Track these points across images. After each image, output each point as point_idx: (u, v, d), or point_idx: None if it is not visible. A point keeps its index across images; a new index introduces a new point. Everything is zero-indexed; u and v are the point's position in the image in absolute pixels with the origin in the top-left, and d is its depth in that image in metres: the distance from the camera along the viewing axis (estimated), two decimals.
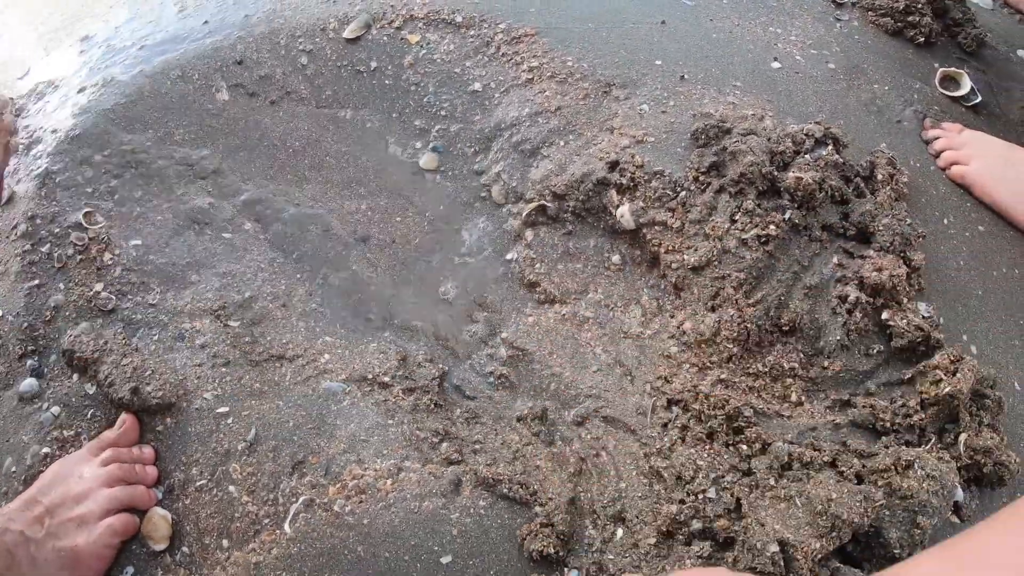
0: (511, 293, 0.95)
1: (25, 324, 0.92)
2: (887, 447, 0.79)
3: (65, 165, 1.02)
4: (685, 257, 0.88)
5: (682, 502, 0.75)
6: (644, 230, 0.91)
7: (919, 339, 0.84)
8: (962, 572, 0.47)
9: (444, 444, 0.83)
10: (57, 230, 0.98)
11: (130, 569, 0.79)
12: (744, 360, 0.85)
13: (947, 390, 0.81)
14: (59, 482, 0.80)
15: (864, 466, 0.76)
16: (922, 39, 1.16)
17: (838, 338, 0.85)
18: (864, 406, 0.83)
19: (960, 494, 0.79)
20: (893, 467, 0.75)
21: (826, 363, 0.85)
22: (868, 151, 0.98)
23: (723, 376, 0.85)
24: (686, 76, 1.02)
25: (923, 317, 0.87)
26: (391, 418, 0.85)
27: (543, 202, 0.95)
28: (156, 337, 0.92)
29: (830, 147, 0.92)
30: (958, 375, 0.81)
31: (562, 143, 0.98)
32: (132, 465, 0.82)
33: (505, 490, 0.77)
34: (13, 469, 0.86)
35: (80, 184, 1.01)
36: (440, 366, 0.90)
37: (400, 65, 1.08)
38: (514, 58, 1.05)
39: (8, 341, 0.92)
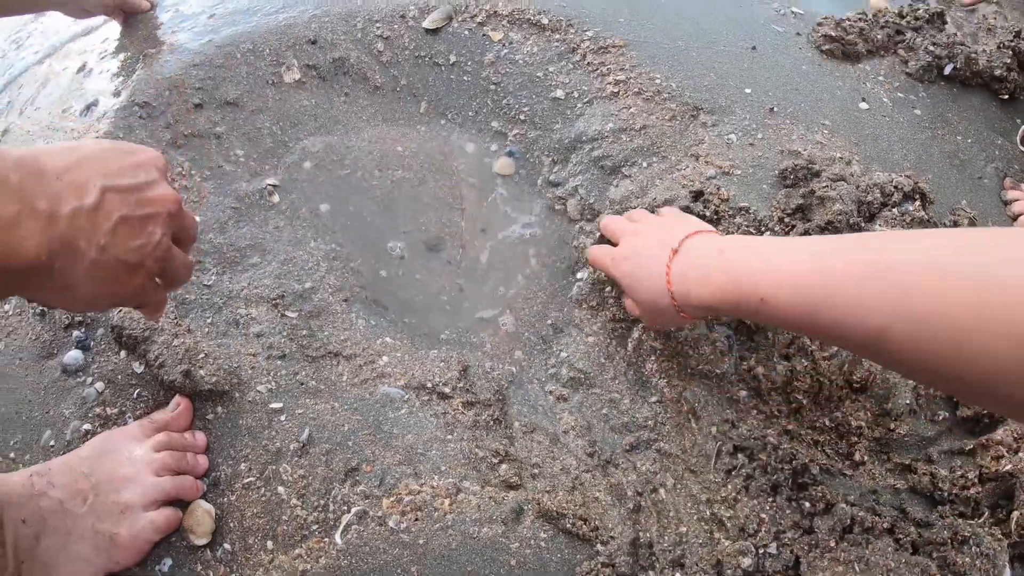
0: (578, 312, 0.92)
1: None
2: (943, 517, 0.79)
3: (127, 131, 0.98)
4: None
5: (743, 554, 0.74)
6: None
7: (984, 411, 0.83)
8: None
9: (503, 466, 0.81)
10: None
11: (168, 561, 0.77)
12: (812, 413, 0.84)
13: (1007, 467, 0.81)
14: (107, 458, 0.77)
15: (920, 535, 0.76)
16: (1007, 95, 1.13)
17: (908, 402, 0.84)
18: (924, 473, 0.82)
19: (1008, 573, 0.79)
20: (950, 541, 0.75)
21: (892, 425, 0.84)
22: (949, 207, 0.96)
23: (790, 427, 0.83)
24: (775, 108, 0.99)
25: None
26: (450, 432, 0.83)
27: None
28: (210, 320, 0.89)
29: (917, 202, 0.90)
30: (1021, 454, 0.81)
31: (645, 164, 0.95)
32: (183, 454, 0.79)
33: (568, 524, 0.75)
34: (52, 443, 0.84)
35: None
36: (502, 381, 0.88)
37: (480, 62, 1.04)
38: (600, 68, 1.01)
39: (55, 308, 0.89)
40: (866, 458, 0.83)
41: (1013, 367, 0.42)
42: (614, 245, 0.82)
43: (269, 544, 0.77)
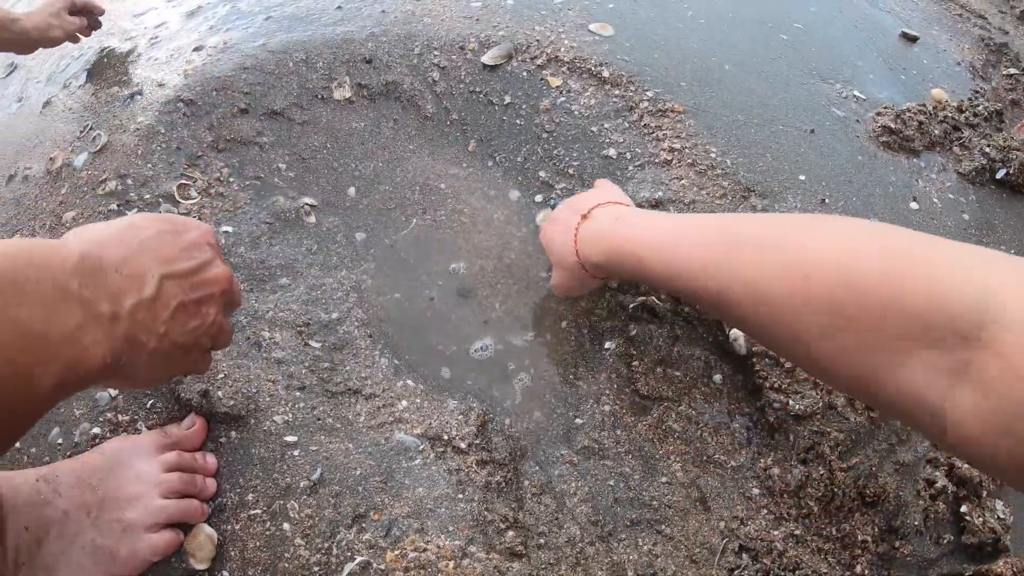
0: (599, 381, 0.92)
1: None
2: None
3: (169, 127, 0.96)
4: (790, 402, 0.86)
5: None
6: (754, 359, 0.88)
7: (989, 540, 0.84)
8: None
9: (510, 532, 0.81)
10: (148, 196, 0.93)
11: None
12: (820, 520, 0.84)
13: None
14: (116, 472, 0.76)
15: None
16: None
17: (916, 523, 0.84)
18: None
19: None
20: None
21: (897, 543, 0.84)
22: None
23: (797, 532, 0.83)
24: (827, 200, 0.98)
25: (998, 518, 0.86)
26: (462, 491, 0.83)
27: (652, 299, 0.92)
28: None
29: None
30: None
31: None
32: (192, 476, 0.79)
33: None
34: (59, 442, 0.83)
35: (180, 151, 0.95)
36: (519, 440, 0.88)
37: (535, 107, 1.02)
38: (656, 132, 1.00)
39: None
40: (867, 572, 0.84)
41: (810, 326, 0.48)
42: None
43: None
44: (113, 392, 0.86)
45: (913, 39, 1.28)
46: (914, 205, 1.03)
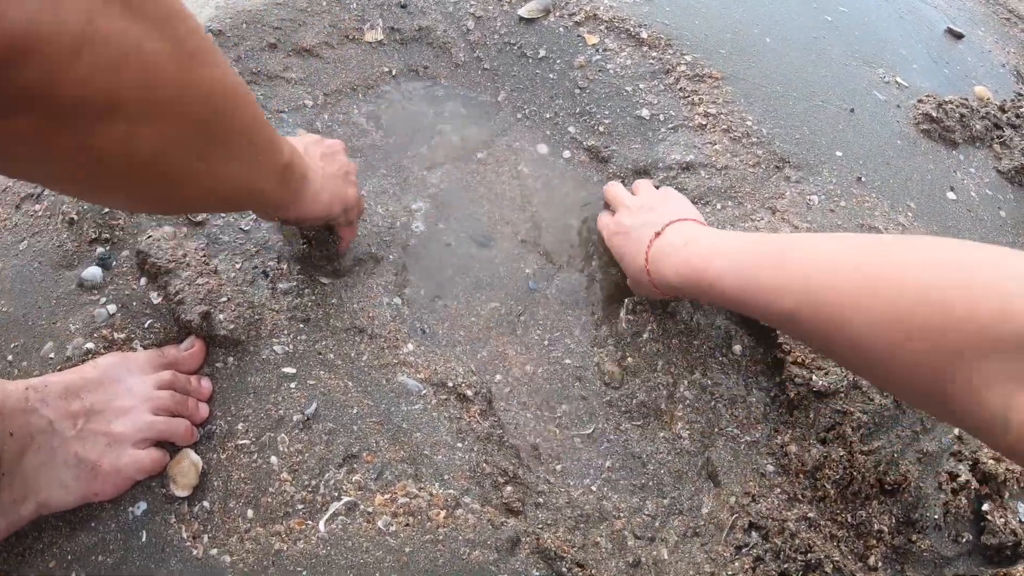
0: (619, 342, 0.88)
1: (105, 208, 0.85)
2: None
3: None
4: (813, 377, 0.82)
5: None
6: (777, 332, 0.84)
7: (1009, 543, 0.79)
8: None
9: (508, 488, 0.77)
10: None
11: (143, 505, 0.73)
12: (836, 505, 0.80)
13: None
14: (107, 385, 0.73)
15: None
16: None
17: (936, 516, 0.80)
18: None
19: None
20: None
21: (914, 537, 0.80)
22: None
23: (810, 514, 0.79)
24: (863, 179, 0.94)
25: (1020, 520, 0.82)
26: (461, 440, 0.79)
27: None
28: (239, 266, 0.85)
29: None
30: None
31: (719, 206, 0.90)
32: (185, 398, 0.76)
33: (564, 568, 0.71)
34: (51, 356, 0.80)
35: None
36: (523, 395, 0.84)
37: (570, 63, 0.99)
38: (691, 97, 0.97)
39: (84, 219, 0.85)
40: (880, 564, 0.79)
41: (883, 345, 0.50)
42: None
43: (249, 512, 0.73)
44: (112, 309, 0.83)
45: (959, 36, 1.24)
46: (951, 195, 0.99)
